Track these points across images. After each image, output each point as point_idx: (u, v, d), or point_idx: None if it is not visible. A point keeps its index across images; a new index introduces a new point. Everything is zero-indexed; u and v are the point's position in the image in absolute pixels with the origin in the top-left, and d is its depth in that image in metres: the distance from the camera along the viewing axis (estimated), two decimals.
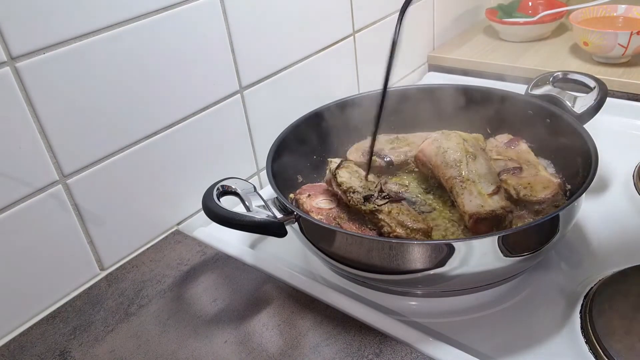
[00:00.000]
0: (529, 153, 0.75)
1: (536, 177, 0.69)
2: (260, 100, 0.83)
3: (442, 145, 0.72)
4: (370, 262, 0.58)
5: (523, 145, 0.76)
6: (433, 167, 0.72)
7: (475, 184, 0.66)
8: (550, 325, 0.58)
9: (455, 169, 0.69)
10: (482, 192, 0.65)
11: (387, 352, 0.54)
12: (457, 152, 0.70)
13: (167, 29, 0.67)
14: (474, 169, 0.68)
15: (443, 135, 0.73)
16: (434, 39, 1.21)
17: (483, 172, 0.68)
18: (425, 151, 0.73)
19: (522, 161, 0.73)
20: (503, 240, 0.53)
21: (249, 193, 0.64)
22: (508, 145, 0.76)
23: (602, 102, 0.72)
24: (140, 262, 0.71)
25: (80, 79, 0.61)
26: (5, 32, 0.54)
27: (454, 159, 0.70)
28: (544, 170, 0.71)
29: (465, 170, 0.68)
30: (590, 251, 0.68)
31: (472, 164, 0.69)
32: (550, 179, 0.69)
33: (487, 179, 0.67)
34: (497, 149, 0.76)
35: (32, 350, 0.59)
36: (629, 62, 1.04)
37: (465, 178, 0.67)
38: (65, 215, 0.64)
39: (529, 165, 0.72)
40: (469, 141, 0.72)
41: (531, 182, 0.68)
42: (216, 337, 0.58)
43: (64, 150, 0.62)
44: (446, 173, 0.69)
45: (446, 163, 0.70)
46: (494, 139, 0.79)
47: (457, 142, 0.72)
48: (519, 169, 0.71)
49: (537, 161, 0.73)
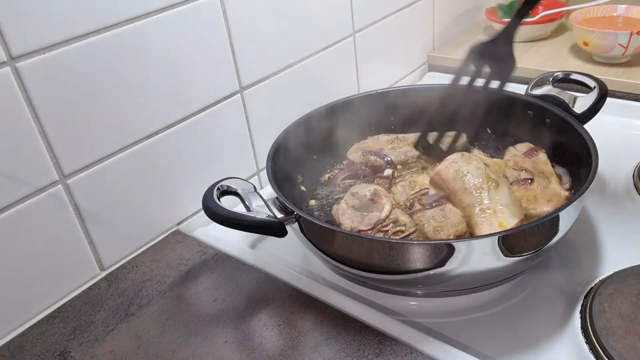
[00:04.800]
0: (546, 164, 0.72)
1: (544, 190, 0.67)
2: (260, 100, 0.83)
3: (461, 169, 0.66)
4: (370, 262, 0.58)
5: (542, 155, 0.73)
6: (450, 192, 0.67)
7: (497, 214, 0.61)
8: (550, 325, 0.58)
9: (476, 196, 0.64)
10: (503, 225, 0.60)
11: (387, 352, 0.54)
12: (477, 178, 0.65)
13: (167, 29, 0.67)
14: (497, 198, 0.63)
15: (463, 158, 0.68)
16: (434, 39, 1.21)
17: (506, 201, 0.63)
18: (441, 174, 0.68)
19: (537, 172, 0.70)
20: (503, 240, 0.53)
21: (249, 193, 0.64)
22: (526, 155, 0.73)
23: (602, 102, 0.71)
24: (140, 262, 0.71)
25: (80, 79, 0.61)
26: (5, 32, 0.54)
27: (474, 184, 0.64)
28: (556, 183, 0.68)
29: (486, 199, 0.63)
30: (590, 251, 0.68)
31: (493, 192, 0.63)
32: (558, 193, 0.66)
33: (511, 209, 0.62)
34: (515, 159, 0.73)
35: (32, 350, 0.59)
36: (629, 62, 1.04)
37: (486, 207, 0.62)
38: (65, 215, 0.64)
39: (542, 176, 0.69)
40: (491, 166, 0.68)
41: (537, 195, 0.66)
42: (216, 337, 0.58)
43: (64, 150, 0.62)
44: (464, 200, 0.64)
45: (465, 189, 0.65)
46: (513, 148, 0.76)
47: (477, 167, 0.66)
48: (530, 181, 0.68)
49: (551, 172, 0.70)
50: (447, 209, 0.65)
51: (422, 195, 0.69)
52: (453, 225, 0.63)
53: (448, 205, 0.66)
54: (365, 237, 0.59)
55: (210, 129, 0.77)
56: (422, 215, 0.66)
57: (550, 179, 0.69)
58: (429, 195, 0.69)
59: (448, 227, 0.62)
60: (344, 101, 0.82)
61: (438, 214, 0.65)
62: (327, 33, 0.91)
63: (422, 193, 0.70)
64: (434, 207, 0.66)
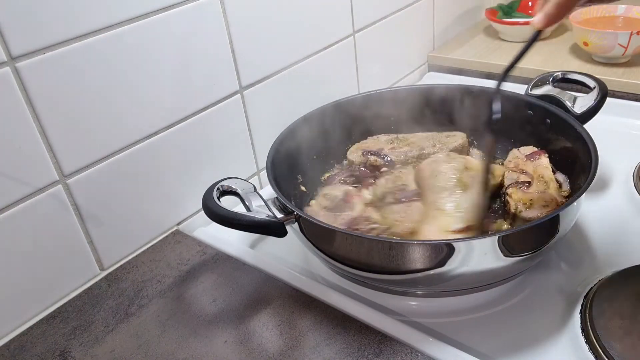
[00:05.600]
0: (547, 168, 0.71)
1: (541, 195, 0.66)
2: (260, 100, 0.83)
3: (437, 168, 0.68)
4: (370, 262, 0.58)
5: (544, 159, 0.73)
6: (422, 189, 0.69)
7: (442, 217, 0.62)
8: (550, 325, 0.58)
9: (437, 195, 0.65)
10: (444, 228, 0.61)
11: (387, 352, 0.54)
12: (449, 179, 0.66)
13: (167, 29, 0.67)
14: (456, 201, 0.63)
15: (446, 158, 0.69)
16: (434, 39, 1.21)
17: (463, 206, 0.63)
18: (421, 170, 0.71)
19: (536, 176, 0.70)
20: (503, 240, 0.53)
21: (249, 193, 0.64)
22: (528, 158, 0.73)
23: (602, 102, 0.71)
24: (140, 262, 0.71)
25: (81, 78, 0.61)
26: (5, 32, 0.54)
27: (442, 185, 0.66)
28: (554, 189, 0.68)
29: (444, 200, 0.63)
30: (590, 251, 0.68)
31: (457, 195, 0.64)
32: (554, 198, 0.66)
33: (462, 214, 0.62)
34: (516, 161, 0.73)
35: (32, 350, 0.59)
36: (629, 62, 1.04)
37: (438, 208, 0.63)
38: (65, 215, 0.64)
39: (541, 181, 0.69)
40: (473, 171, 0.67)
41: (533, 199, 0.66)
42: (216, 337, 0.58)
43: (64, 150, 0.62)
44: (429, 197, 0.66)
45: (433, 187, 0.66)
46: (517, 150, 0.76)
47: (454, 168, 0.67)
48: (528, 184, 0.68)
49: (551, 177, 0.69)
50: (414, 205, 0.67)
51: (399, 190, 0.71)
52: (410, 221, 0.65)
53: (416, 202, 0.67)
54: (365, 237, 0.59)
55: (210, 129, 0.77)
56: (389, 208, 0.68)
57: (549, 184, 0.68)
58: (405, 191, 0.70)
59: (405, 222, 0.64)
60: (344, 101, 0.82)
61: (403, 209, 0.67)
62: (327, 33, 0.91)
63: (399, 188, 0.71)
64: (402, 203, 0.68)
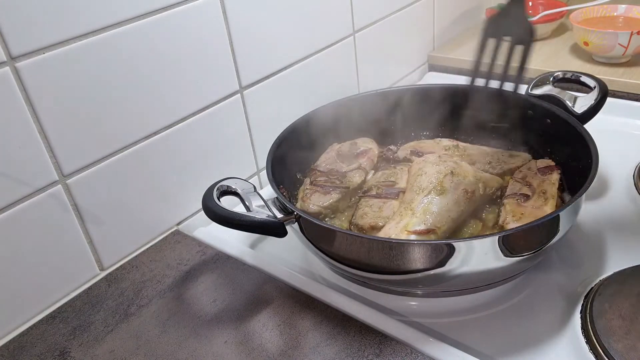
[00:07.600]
0: (553, 185, 0.68)
1: (535, 210, 0.64)
2: (260, 100, 0.83)
3: (423, 168, 0.68)
4: (370, 262, 0.58)
5: (555, 175, 0.70)
6: (407, 186, 0.69)
7: (409, 215, 0.62)
8: (550, 325, 0.58)
9: (412, 195, 0.65)
10: (406, 226, 0.61)
11: (387, 352, 0.54)
12: (429, 181, 0.66)
13: (167, 29, 0.67)
14: (428, 204, 0.63)
15: (437, 160, 0.69)
16: (434, 39, 1.21)
17: (433, 210, 0.63)
18: (411, 168, 0.71)
19: (539, 191, 0.67)
20: (503, 240, 0.53)
21: (249, 193, 0.64)
22: (540, 171, 0.71)
23: (602, 102, 0.71)
24: (140, 262, 0.71)
25: (80, 79, 0.61)
26: (5, 32, 0.54)
27: (421, 185, 0.66)
28: (551, 207, 0.64)
29: (416, 201, 0.64)
30: (590, 251, 0.68)
31: (431, 197, 0.64)
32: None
33: (428, 217, 0.62)
34: (526, 172, 0.71)
35: (32, 350, 0.59)
36: (629, 62, 1.04)
37: (408, 207, 0.63)
38: (65, 215, 0.64)
39: (541, 196, 0.66)
40: (458, 177, 0.66)
41: (525, 213, 0.64)
42: (216, 337, 0.58)
43: (64, 150, 0.62)
44: (406, 195, 0.66)
45: (412, 186, 0.67)
46: (534, 162, 0.74)
47: (438, 171, 0.66)
48: (525, 197, 0.67)
49: (553, 194, 0.66)
50: (389, 203, 0.68)
51: (386, 185, 0.72)
52: (377, 217, 0.66)
53: (393, 201, 0.68)
54: (365, 237, 0.59)
55: (210, 129, 0.77)
56: (367, 200, 0.70)
57: (548, 201, 0.65)
58: (391, 188, 0.71)
59: (373, 217, 0.66)
60: (344, 101, 0.82)
61: (378, 204, 0.68)
62: (327, 33, 0.91)
63: (387, 184, 0.72)
64: (381, 198, 0.69)
